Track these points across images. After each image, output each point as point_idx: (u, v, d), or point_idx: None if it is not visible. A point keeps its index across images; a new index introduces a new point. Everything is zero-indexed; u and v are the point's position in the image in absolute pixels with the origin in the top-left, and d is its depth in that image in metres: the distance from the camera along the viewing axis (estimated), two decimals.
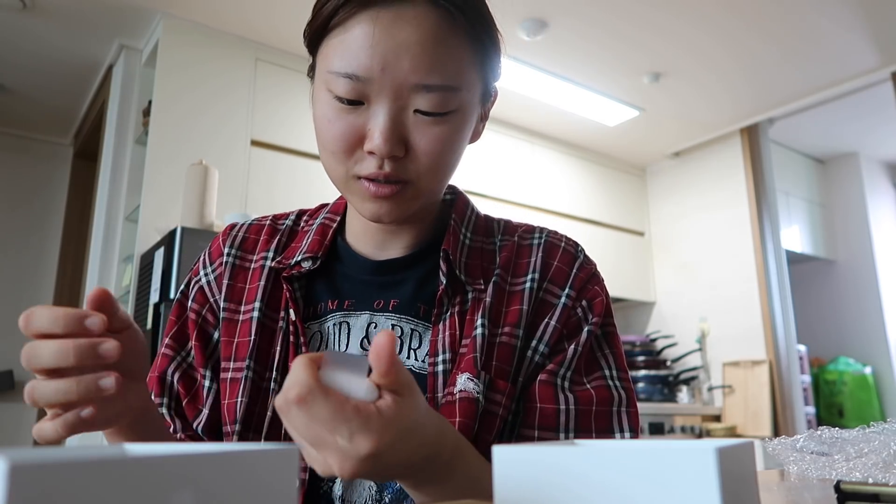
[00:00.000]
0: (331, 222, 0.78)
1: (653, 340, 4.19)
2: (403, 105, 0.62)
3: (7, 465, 0.18)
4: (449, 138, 0.64)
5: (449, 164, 0.66)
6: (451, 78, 0.62)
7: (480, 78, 0.67)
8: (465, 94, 0.64)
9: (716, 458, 0.29)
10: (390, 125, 0.61)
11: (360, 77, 0.61)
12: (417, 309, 0.71)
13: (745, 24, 2.99)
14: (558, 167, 4.16)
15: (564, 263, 0.73)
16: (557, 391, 0.67)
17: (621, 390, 0.69)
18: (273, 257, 0.75)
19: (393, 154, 0.62)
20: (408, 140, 0.63)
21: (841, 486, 0.43)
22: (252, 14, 2.88)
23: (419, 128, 0.63)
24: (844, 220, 4.67)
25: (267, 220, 0.81)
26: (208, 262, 0.78)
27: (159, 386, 0.74)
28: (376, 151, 0.61)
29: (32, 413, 3.68)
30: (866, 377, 4.26)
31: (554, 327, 0.70)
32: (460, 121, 0.65)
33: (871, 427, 0.64)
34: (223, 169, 2.78)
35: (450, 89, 0.62)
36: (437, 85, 0.61)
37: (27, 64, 3.23)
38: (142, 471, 0.21)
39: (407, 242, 0.74)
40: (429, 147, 0.63)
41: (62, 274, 3.87)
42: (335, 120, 0.63)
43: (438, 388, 0.66)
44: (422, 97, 0.61)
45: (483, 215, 0.80)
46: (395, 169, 0.63)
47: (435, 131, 0.63)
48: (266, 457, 0.25)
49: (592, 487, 0.32)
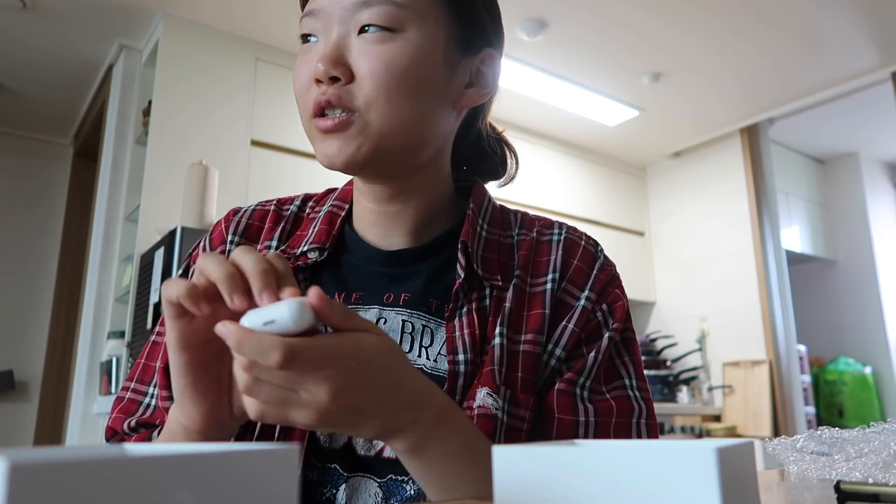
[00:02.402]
0: (339, 210, 0.74)
1: (653, 340, 4.19)
2: (347, 30, 0.61)
3: (7, 465, 0.18)
4: (394, 61, 0.60)
5: (401, 91, 0.60)
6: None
7: (447, 15, 0.64)
8: (413, 14, 0.61)
9: (716, 458, 0.29)
10: (331, 47, 0.60)
11: (312, 12, 0.62)
12: (429, 304, 0.67)
13: (744, 24, 2.99)
14: (558, 167, 4.16)
15: (584, 263, 0.70)
16: (577, 401, 0.64)
17: (641, 401, 0.66)
18: (277, 246, 0.71)
19: (331, 75, 0.59)
20: (351, 64, 0.60)
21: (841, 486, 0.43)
22: (252, 14, 2.88)
23: (363, 49, 0.60)
24: (844, 220, 4.67)
25: (271, 205, 0.76)
26: (209, 249, 0.73)
27: (166, 379, 0.68)
28: (316, 75, 0.59)
29: (32, 413, 3.68)
30: (866, 377, 4.26)
31: (572, 331, 0.66)
32: (409, 45, 0.60)
33: (871, 427, 0.64)
34: (223, 169, 2.78)
35: (393, 3, 0.60)
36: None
37: (27, 64, 3.23)
38: (142, 471, 0.21)
39: (410, 226, 0.70)
40: (371, 67, 0.59)
41: (62, 274, 3.87)
42: (299, 65, 0.63)
43: (459, 389, 0.62)
44: (364, 13, 0.60)
45: (499, 206, 0.76)
46: (338, 95, 0.59)
47: (378, 51, 0.60)
48: (266, 457, 0.25)
49: (592, 487, 0.32)
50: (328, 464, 0.62)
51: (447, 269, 0.68)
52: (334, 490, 0.62)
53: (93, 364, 2.78)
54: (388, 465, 0.61)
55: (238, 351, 0.42)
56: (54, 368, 3.67)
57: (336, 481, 0.62)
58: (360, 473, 0.62)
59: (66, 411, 3.17)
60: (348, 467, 0.62)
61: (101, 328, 2.84)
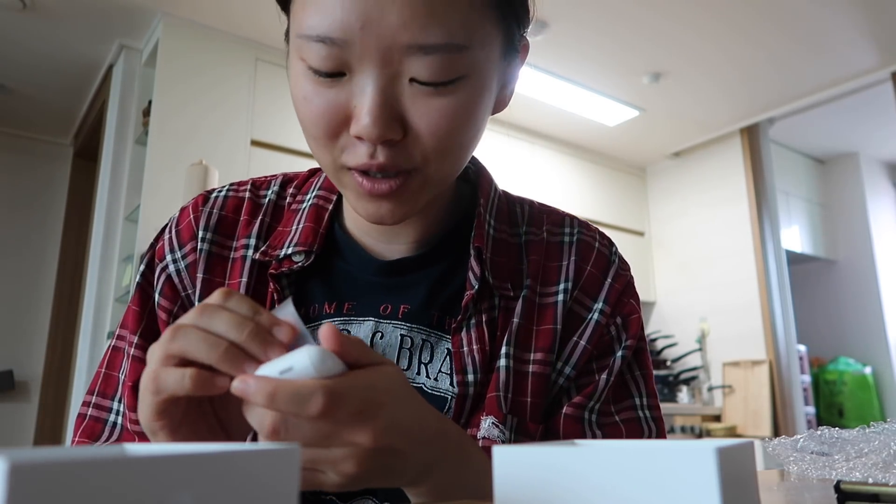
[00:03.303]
0: (325, 203, 0.64)
1: (653, 340, 4.19)
2: (395, 73, 0.48)
3: (7, 465, 0.18)
4: (458, 112, 0.50)
5: (463, 144, 0.52)
6: (454, 33, 0.47)
7: (501, 27, 0.52)
8: (477, 53, 0.49)
9: (716, 458, 0.29)
10: (379, 100, 0.47)
11: (335, 40, 0.47)
12: (431, 317, 0.60)
13: (744, 24, 2.99)
14: (558, 167, 4.16)
15: (598, 269, 0.63)
16: (584, 427, 0.59)
17: (651, 422, 0.61)
18: (256, 245, 0.62)
19: (386, 138, 0.48)
20: (405, 118, 0.49)
21: (841, 486, 0.43)
22: (252, 14, 2.88)
23: (418, 101, 0.49)
24: (844, 220, 4.67)
25: (245, 190, 0.66)
26: (177, 245, 0.63)
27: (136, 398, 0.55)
28: (364, 136, 0.48)
29: (33, 413, 3.68)
30: (866, 377, 4.26)
31: (584, 348, 0.60)
32: (473, 88, 0.50)
33: (871, 427, 0.64)
34: (223, 169, 2.78)
35: (454, 48, 0.47)
36: (437, 44, 0.47)
37: (27, 64, 3.23)
38: (142, 471, 0.21)
39: (419, 234, 0.62)
40: (433, 126, 0.49)
41: (62, 274, 3.87)
42: (313, 97, 0.50)
43: (465, 412, 0.56)
44: (418, 62, 0.47)
45: (503, 194, 0.68)
46: (392, 157, 0.49)
47: (439, 105, 0.49)
48: (266, 457, 0.25)
49: (592, 487, 0.32)
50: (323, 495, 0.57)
51: (450, 275, 0.62)
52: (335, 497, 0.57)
53: (93, 364, 2.78)
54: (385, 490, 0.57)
55: (271, 405, 0.35)
56: (54, 368, 3.68)
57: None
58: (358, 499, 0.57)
59: (66, 411, 3.18)
60: (344, 497, 0.57)
61: (101, 328, 2.84)
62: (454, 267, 0.62)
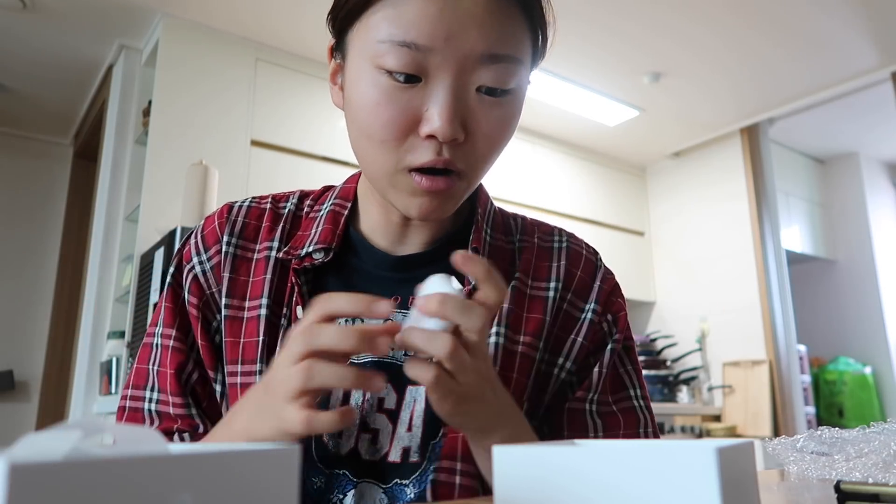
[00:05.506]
0: (341, 209, 0.71)
1: (653, 340, 4.19)
2: (466, 81, 0.55)
3: (7, 465, 0.18)
4: (509, 121, 0.59)
5: (501, 151, 0.61)
6: (515, 47, 0.56)
7: (531, 50, 0.61)
8: (524, 71, 0.59)
9: (716, 458, 0.29)
10: (454, 103, 0.54)
11: (420, 46, 0.53)
12: None
13: (744, 23, 2.99)
14: (558, 167, 4.16)
15: (587, 274, 0.71)
16: (586, 417, 0.67)
17: (645, 411, 0.70)
18: (278, 247, 0.69)
19: (455, 137, 0.55)
20: (467, 123, 0.56)
21: (841, 486, 0.43)
22: (252, 14, 2.88)
23: (482, 109, 0.56)
24: (844, 220, 4.67)
25: (266, 202, 0.73)
26: (202, 248, 0.70)
27: (179, 385, 0.65)
28: (437, 135, 0.54)
29: (33, 413, 3.68)
30: (866, 377, 4.26)
31: (581, 344, 0.68)
32: (518, 101, 0.60)
33: (871, 427, 0.64)
34: (223, 169, 2.78)
35: (516, 61, 0.56)
36: (505, 55, 0.55)
37: (27, 64, 3.23)
38: (142, 471, 0.21)
39: (429, 237, 0.69)
40: (489, 131, 0.57)
41: (62, 274, 3.87)
42: (385, 102, 0.55)
43: None
44: (486, 71, 0.55)
45: (498, 210, 0.76)
46: (454, 155, 0.56)
47: (497, 113, 0.57)
48: (266, 457, 0.25)
49: (592, 487, 0.32)
50: (336, 470, 0.62)
51: (452, 271, 0.68)
52: (342, 496, 0.62)
53: (93, 364, 2.78)
54: (393, 469, 0.62)
55: (443, 312, 0.46)
56: (54, 368, 3.67)
57: (344, 487, 0.62)
58: (367, 479, 0.62)
59: (66, 411, 3.18)
60: (356, 473, 0.62)
61: (101, 328, 2.84)
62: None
